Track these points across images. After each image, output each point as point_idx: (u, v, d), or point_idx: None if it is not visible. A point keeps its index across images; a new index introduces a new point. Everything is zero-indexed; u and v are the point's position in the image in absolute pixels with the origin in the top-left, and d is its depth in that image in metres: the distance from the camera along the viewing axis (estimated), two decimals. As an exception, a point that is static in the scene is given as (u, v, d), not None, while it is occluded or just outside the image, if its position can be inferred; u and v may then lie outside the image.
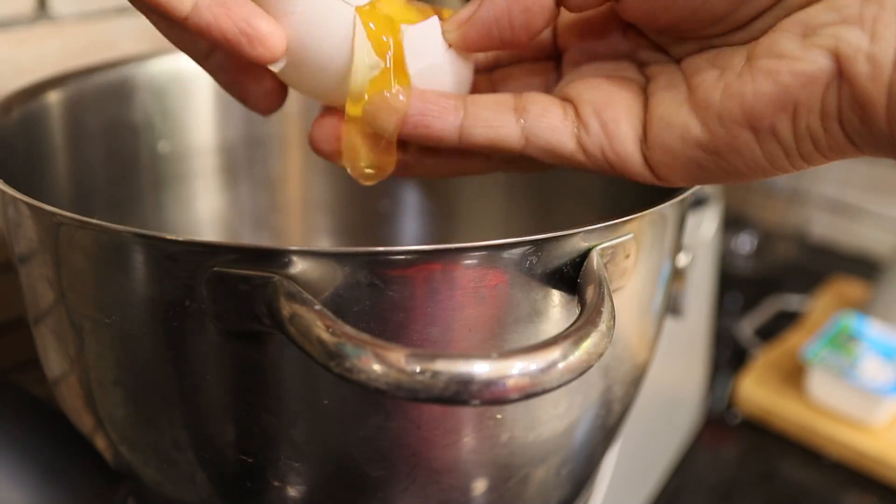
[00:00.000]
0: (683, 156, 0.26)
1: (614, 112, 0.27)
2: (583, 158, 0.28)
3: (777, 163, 0.26)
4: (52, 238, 0.29)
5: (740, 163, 0.26)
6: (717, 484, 0.57)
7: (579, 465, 0.35)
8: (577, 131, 0.28)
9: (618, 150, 0.27)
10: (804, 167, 0.26)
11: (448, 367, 0.22)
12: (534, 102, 0.28)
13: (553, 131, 0.28)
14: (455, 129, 0.28)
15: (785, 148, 0.25)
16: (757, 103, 0.24)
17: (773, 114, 0.24)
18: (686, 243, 0.49)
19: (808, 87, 0.24)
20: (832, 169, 0.88)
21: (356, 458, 0.29)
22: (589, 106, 0.28)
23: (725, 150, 0.26)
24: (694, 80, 0.26)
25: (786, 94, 0.24)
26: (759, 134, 0.25)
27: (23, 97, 0.39)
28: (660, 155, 0.27)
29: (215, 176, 0.51)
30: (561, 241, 0.27)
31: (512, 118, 0.28)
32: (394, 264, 0.26)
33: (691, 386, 0.59)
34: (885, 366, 0.60)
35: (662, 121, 0.27)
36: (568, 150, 0.28)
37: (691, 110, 0.26)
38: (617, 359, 0.33)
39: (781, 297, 0.78)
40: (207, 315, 0.27)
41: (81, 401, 0.33)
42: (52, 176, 0.41)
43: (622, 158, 0.27)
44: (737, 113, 0.25)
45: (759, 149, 0.25)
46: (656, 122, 0.27)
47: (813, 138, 0.24)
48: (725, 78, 0.25)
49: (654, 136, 0.27)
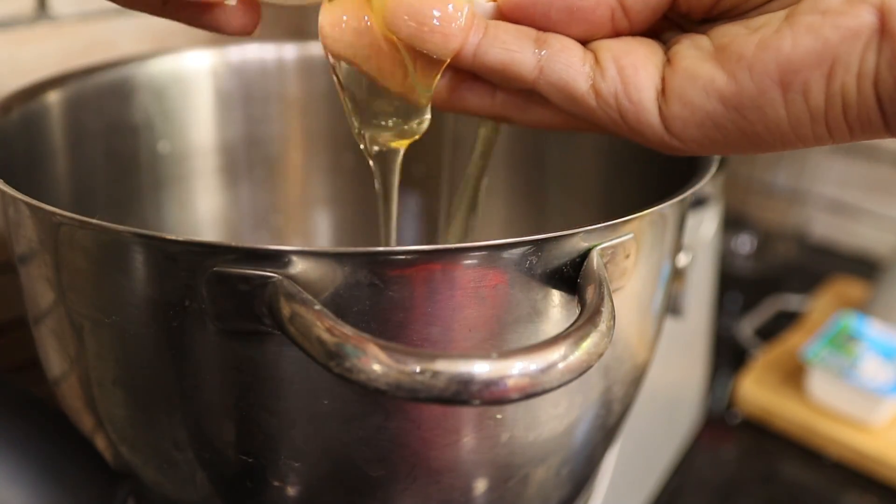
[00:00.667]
0: (703, 111, 0.26)
1: (634, 59, 0.27)
2: (593, 103, 0.27)
3: (800, 129, 0.25)
4: (52, 238, 0.29)
5: (761, 125, 0.25)
6: (717, 484, 0.57)
7: (579, 465, 0.35)
8: (593, 75, 0.27)
9: (632, 98, 0.27)
10: (825, 141, 0.25)
11: (448, 367, 0.22)
12: (556, 39, 0.28)
13: (568, 68, 0.27)
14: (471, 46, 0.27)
15: (812, 111, 0.25)
16: (794, 56, 0.24)
17: (808, 69, 0.24)
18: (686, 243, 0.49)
19: (849, 43, 0.23)
20: (832, 169, 0.88)
21: (356, 458, 0.29)
22: (608, 52, 0.27)
23: (749, 106, 0.25)
24: (723, 39, 0.26)
25: (825, 49, 0.24)
26: (788, 92, 0.25)
27: (23, 97, 0.39)
28: (677, 108, 0.26)
29: (215, 176, 0.51)
30: (561, 241, 0.27)
31: (530, 47, 0.27)
32: (394, 264, 0.26)
33: (691, 386, 0.59)
34: (885, 366, 0.60)
35: (686, 72, 0.26)
36: (580, 90, 0.27)
37: (718, 64, 0.26)
38: (617, 359, 0.33)
39: (781, 297, 0.78)
40: (207, 315, 0.27)
41: (81, 401, 0.33)
42: (52, 176, 0.41)
43: (636, 107, 0.27)
44: (770, 66, 0.24)
45: (784, 110, 0.25)
46: (679, 74, 0.26)
47: (844, 101, 0.24)
48: (761, 33, 0.25)
49: (675, 88, 0.26)
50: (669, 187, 0.32)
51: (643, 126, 0.27)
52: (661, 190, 0.32)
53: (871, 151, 0.86)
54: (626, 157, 0.46)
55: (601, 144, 0.48)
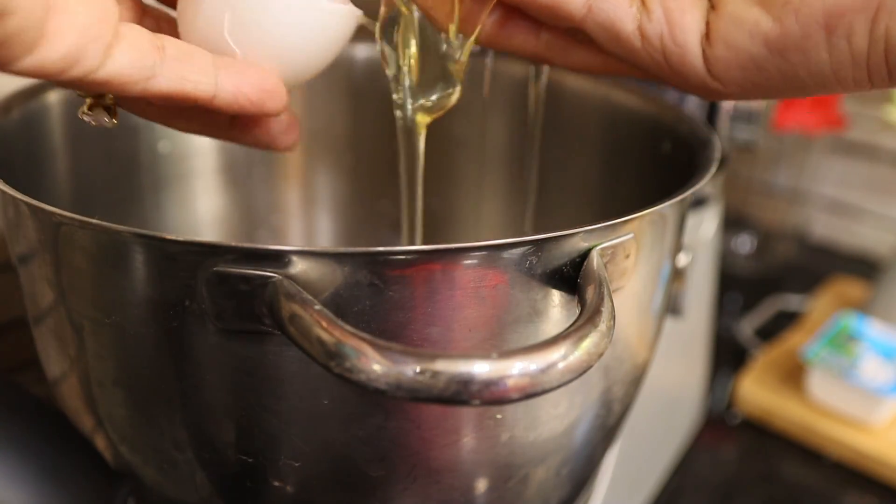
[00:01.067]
0: (746, 53, 0.27)
1: (680, 2, 0.28)
2: (638, 44, 0.28)
3: (841, 72, 0.26)
4: (52, 238, 0.29)
5: (803, 68, 0.26)
6: (717, 484, 0.57)
7: (579, 465, 0.35)
8: (640, 16, 0.28)
9: (678, 40, 0.28)
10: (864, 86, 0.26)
11: (448, 367, 0.22)
12: None
13: (616, 8, 0.28)
14: None
15: (855, 55, 0.25)
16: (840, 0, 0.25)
17: (853, 13, 0.25)
18: (686, 243, 0.49)
19: None
20: (832, 169, 0.88)
21: (356, 458, 0.29)
22: None
23: (793, 49, 0.26)
24: None
25: None
26: (833, 36, 0.25)
27: (23, 97, 0.39)
28: (721, 50, 0.27)
29: (215, 176, 0.51)
30: (561, 241, 0.27)
31: None
32: (394, 264, 0.26)
33: (691, 386, 0.59)
34: (885, 366, 0.60)
35: (732, 16, 0.27)
36: (626, 30, 0.28)
37: (763, 8, 0.26)
38: (617, 359, 0.33)
39: (781, 297, 0.78)
40: (207, 315, 0.27)
41: (81, 401, 0.33)
42: (52, 176, 0.41)
43: (681, 48, 0.28)
44: (817, 9, 0.25)
45: (827, 53, 0.25)
46: (725, 18, 0.27)
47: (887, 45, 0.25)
48: None
49: (720, 30, 0.27)
50: (669, 187, 0.32)
51: (686, 68, 0.28)
52: (661, 190, 0.32)
53: (872, 151, 0.86)
54: (626, 157, 0.46)
55: (601, 144, 0.48)
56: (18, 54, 0.21)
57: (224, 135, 0.31)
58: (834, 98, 0.74)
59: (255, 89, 0.27)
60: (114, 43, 0.23)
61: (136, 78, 0.24)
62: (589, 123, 0.48)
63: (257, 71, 0.27)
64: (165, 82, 0.25)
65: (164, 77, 0.25)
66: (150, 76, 0.24)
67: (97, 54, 0.23)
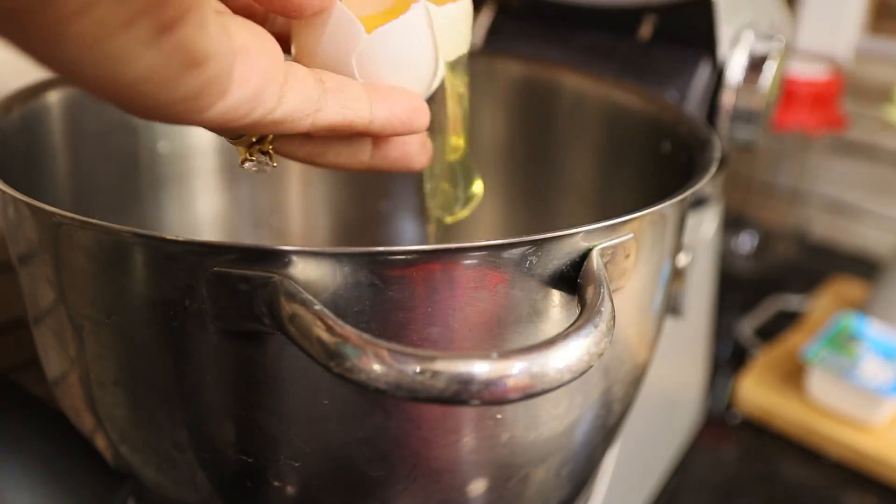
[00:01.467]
0: None
1: None
2: None
3: None
4: (52, 238, 0.29)
5: None
6: (717, 484, 0.57)
7: (579, 465, 0.35)
8: None
9: None
10: None
11: (448, 367, 0.22)
12: None
13: None
14: None
15: None
16: None
17: None
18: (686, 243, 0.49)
19: None
20: (832, 169, 0.88)
21: (356, 458, 0.29)
22: None
23: None
24: None
25: None
26: None
27: (23, 97, 0.39)
28: None
29: (215, 176, 0.51)
30: (561, 241, 0.27)
31: None
32: (394, 264, 0.26)
33: (691, 386, 0.59)
34: (885, 366, 0.60)
35: None
36: None
37: None
38: (617, 359, 0.33)
39: (781, 297, 0.78)
40: (207, 315, 0.27)
41: (81, 401, 0.33)
42: (52, 176, 0.41)
43: None
44: None
45: None
46: None
47: None
48: None
49: None
50: (669, 187, 0.32)
51: None
52: (661, 190, 0.32)
53: (872, 151, 0.86)
54: (626, 157, 0.46)
55: (601, 144, 0.48)
56: (212, 101, 0.22)
57: (367, 164, 0.31)
58: (834, 98, 0.74)
59: (406, 109, 0.27)
60: (285, 82, 0.24)
61: (306, 112, 0.25)
62: (589, 123, 0.48)
63: (403, 92, 0.28)
64: (331, 114, 0.25)
65: (328, 109, 0.25)
66: (318, 109, 0.25)
67: (275, 95, 0.23)
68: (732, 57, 0.48)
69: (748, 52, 0.48)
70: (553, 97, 0.50)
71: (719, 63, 0.48)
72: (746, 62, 0.48)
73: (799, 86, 0.72)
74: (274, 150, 0.28)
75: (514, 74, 0.51)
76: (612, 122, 0.47)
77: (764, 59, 0.48)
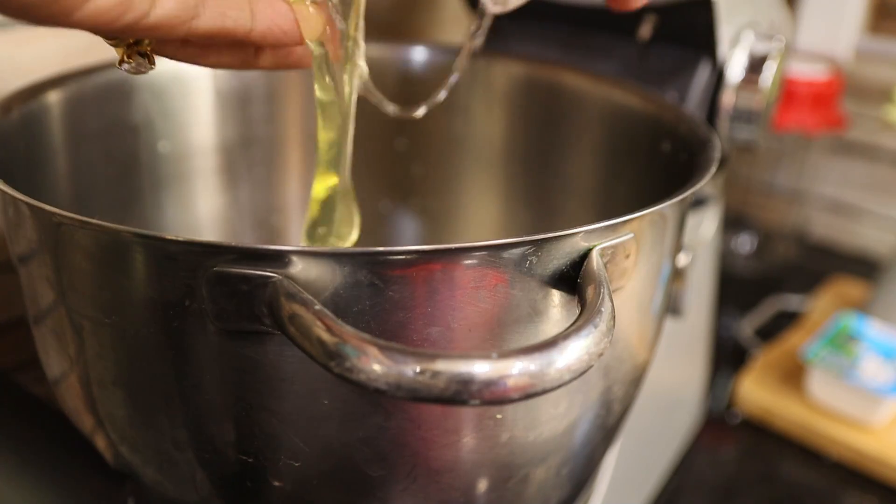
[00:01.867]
0: None
1: None
2: None
3: None
4: (52, 238, 0.29)
5: None
6: (717, 484, 0.57)
7: (579, 465, 0.35)
8: None
9: None
10: None
11: (448, 367, 0.22)
12: None
13: None
14: None
15: None
16: None
17: None
18: (686, 243, 0.49)
19: None
20: (832, 169, 0.88)
21: (356, 458, 0.29)
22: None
23: None
24: None
25: None
26: None
27: (23, 97, 0.39)
28: None
29: (215, 176, 0.51)
30: (561, 241, 0.27)
31: None
32: (394, 264, 0.26)
33: (691, 386, 0.59)
34: (885, 366, 0.60)
35: None
36: None
37: None
38: (617, 359, 0.33)
39: (781, 297, 0.78)
40: (207, 315, 0.27)
41: (81, 401, 0.33)
42: (52, 176, 0.41)
43: None
44: None
45: None
46: None
47: None
48: None
49: None
50: (669, 187, 0.32)
51: None
52: (661, 190, 0.32)
53: (871, 151, 0.86)
54: (626, 157, 0.46)
55: (601, 145, 0.48)
56: (77, 4, 0.22)
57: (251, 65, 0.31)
58: (834, 98, 0.74)
59: (288, 20, 0.27)
60: None
61: (182, 19, 0.25)
62: (589, 123, 0.48)
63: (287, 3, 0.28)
64: (209, 21, 0.25)
65: (206, 16, 0.25)
66: (195, 16, 0.25)
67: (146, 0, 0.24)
68: (732, 57, 0.48)
69: (748, 52, 0.48)
70: (553, 97, 0.50)
71: (719, 63, 0.48)
72: (746, 62, 0.48)
73: (799, 86, 0.72)
74: (153, 52, 0.28)
75: (514, 74, 0.51)
76: (612, 122, 0.47)
77: (764, 59, 0.48)
